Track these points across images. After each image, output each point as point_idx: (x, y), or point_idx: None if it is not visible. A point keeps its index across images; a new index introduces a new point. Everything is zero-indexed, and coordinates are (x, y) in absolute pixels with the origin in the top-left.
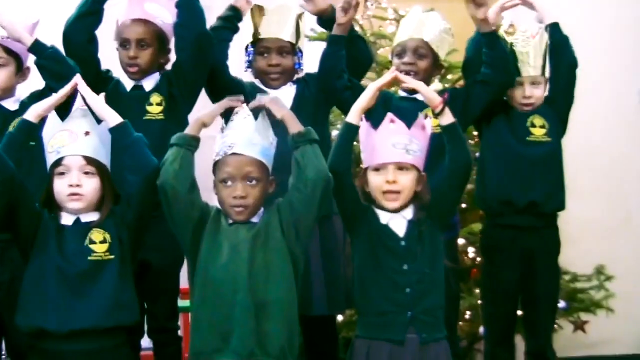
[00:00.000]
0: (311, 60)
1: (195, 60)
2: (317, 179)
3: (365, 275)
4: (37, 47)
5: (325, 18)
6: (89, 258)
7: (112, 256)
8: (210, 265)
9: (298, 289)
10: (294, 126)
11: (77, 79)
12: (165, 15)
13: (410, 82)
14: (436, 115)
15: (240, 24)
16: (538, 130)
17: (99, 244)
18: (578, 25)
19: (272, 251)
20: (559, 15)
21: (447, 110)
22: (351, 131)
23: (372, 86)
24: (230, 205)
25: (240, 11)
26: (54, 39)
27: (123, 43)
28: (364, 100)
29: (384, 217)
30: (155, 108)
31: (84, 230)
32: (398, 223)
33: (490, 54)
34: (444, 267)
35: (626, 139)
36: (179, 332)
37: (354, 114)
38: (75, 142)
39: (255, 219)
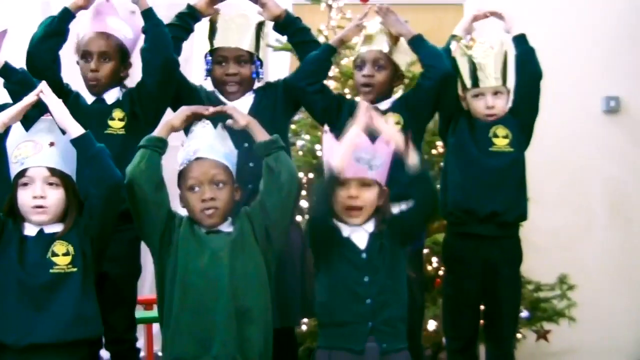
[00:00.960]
0: (277, 69)
1: (160, 85)
2: (292, 182)
3: (326, 287)
4: (5, 72)
5: (281, 23)
6: (51, 271)
7: (75, 269)
8: (189, 272)
9: (272, 294)
10: (261, 134)
11: (43, 86)
12: (126, 31)
13: (381, 127)
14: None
15: (196, 25)
16: (501, 140)
17: (61, 256)
18: (542, 34)
19: (249, 258)
20: (523, 24)
21: (411, 152)
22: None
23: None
24: (200, 210)
25: (198, 11)
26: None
27: (85, 55)
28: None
29: (345, 230)
30: (117, 123)
31: (47, 241)
32: (359, 236)
33: (421, 57)
34: (408, 278)
35: (589, 149)
36: (139, 344)
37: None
38: (40, 153)
39: (227, 228)
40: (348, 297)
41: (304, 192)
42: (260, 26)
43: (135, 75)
